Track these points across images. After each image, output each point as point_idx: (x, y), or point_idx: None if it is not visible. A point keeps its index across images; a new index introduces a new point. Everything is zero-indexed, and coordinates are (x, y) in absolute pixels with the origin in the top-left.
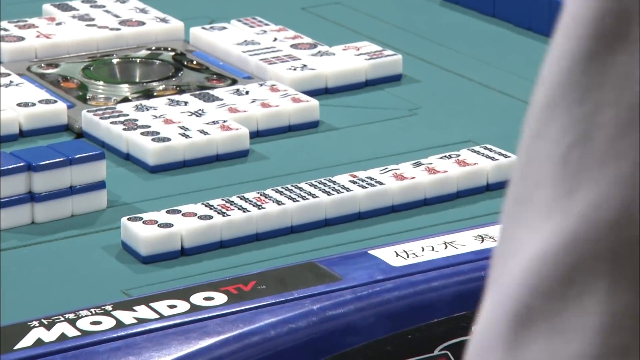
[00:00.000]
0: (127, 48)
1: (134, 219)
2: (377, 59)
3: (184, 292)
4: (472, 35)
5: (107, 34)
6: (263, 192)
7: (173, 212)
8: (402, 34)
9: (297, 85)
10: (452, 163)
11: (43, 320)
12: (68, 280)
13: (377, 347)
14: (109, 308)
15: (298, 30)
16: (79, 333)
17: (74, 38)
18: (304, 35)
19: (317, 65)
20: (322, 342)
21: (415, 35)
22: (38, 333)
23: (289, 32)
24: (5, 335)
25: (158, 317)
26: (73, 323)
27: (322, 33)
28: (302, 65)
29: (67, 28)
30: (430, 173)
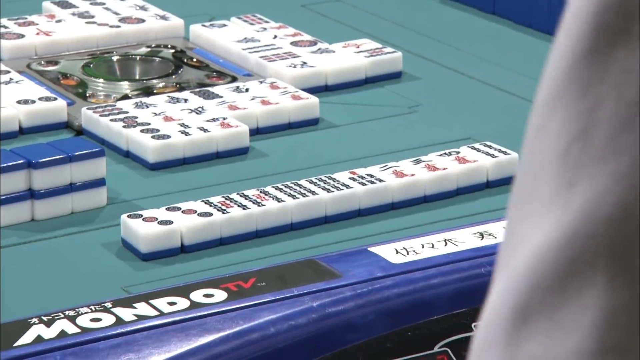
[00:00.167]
0: (127, 45)
1: (134, 216)
2: (377, 57)
3: (184, 289)
4: (472, 33)
5: (107, 32)
6: (263, 189)
7: (173, 209)
8: (402, 32)
9: (297, 83)
10: (452, 160)
11: (43, 317)
12: (68, 278)
13: (377, 344)
14: (109, 305)
15: (298, 28)
16: (79, 330)
17: (74, 35)
18: (304, 33)
19: (317, 63)
20: (321, 339)
21: (415, 33)
22: (38, 330)
23: (289, 29)
24: (5, 332)
25: (158, 314)
26: (73, 320)
27: (322, 30)
28: (302, 63)
29: (67, 25)
30: (430, 170)
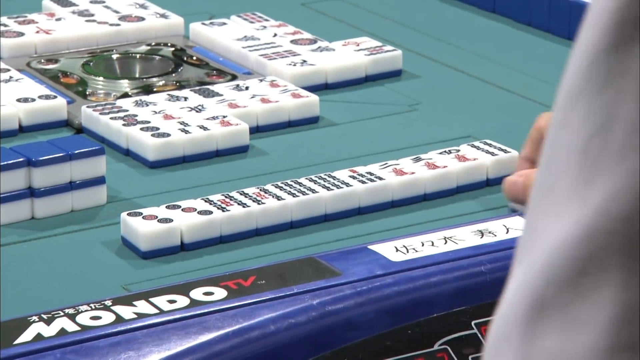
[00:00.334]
0: (126, 44)
1: (134, 214)
2: (377, 55)
3: (184, 287)
4: (472, 31)
5: (106, 30)
6: (263, 187)
7: (173, 207)
8: (402, 30)
9: (297, 81)
10: (451, 158)
11: (43, 315)
12: (68, 276)
13: (376, 342)
14: (109, 303)
15: (298, 26)
16: (79, 328)
17: (74, 34)
18: (304, 31)
19: (317, 61)
20: (321, 337)
21: (415, 31)
22: (38, 328)
23: (289, 27)
24: (5, 330)
25: (158, 312)
26: (73, 318)
27: (322, 29)
28: (302, 61)
29: (66, 24)
30: (430, 168)
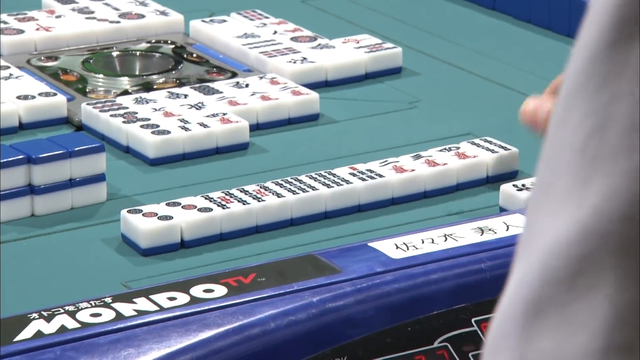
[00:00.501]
0: (126, 41)
1: (134, 212)
2: (377, 52)
3: (184, 284)
4: (472, 28)
5: (106, 27)
6: (263, 184)
7: (173, 204)
8: (402, 27)
9: (297, 78)
10: (452, 155)
11: (43, 312)
12: (68, 273)
13: (376, 339)
14: (109, 300)
15: (298, 23)
16: (79, 325)
17: (74, 31)
18: (304, 28)
19: (317, 58)
20: (321, 334)
21: (415, 28)
22: (38, 325)
23: (289, 25)
24: (5, 327)
25: (158, 309)
26: (73, 315)
27: (322, 26)
28: (302, 58)
29: (66, 21)
30: (430, 165)
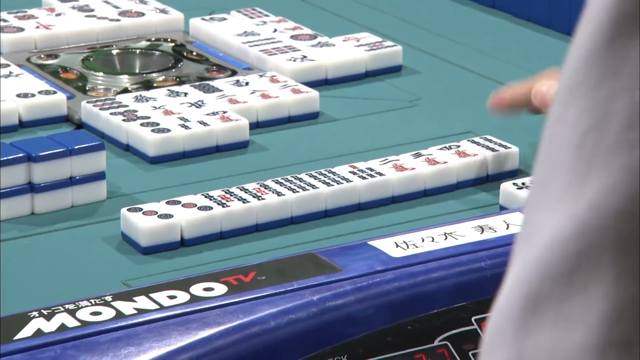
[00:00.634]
0: (126, 39)
1: (134, 210)
2: (377, 50)
3: (184, 282)
4: (472, 27)
5: (106, 25)
6: (263, 183)
7: (173, 202)
8: (402, 25)
9: (297, 76)
10: (452, 154)
11: (43, 311)
12: (68, 271)
13: (377, 338)
14: (109, 299)
15: (298, 21)
16: (79, 323)
17: (74, 29)
18: (304, 26)
19: (317, 56)
20: (322, 332)
21: (416, 27)
22: (38, 323)
23: (289, 23)
24: (5, 326)
25: (158, 307)
26: (73, 313)
27: (322, 24)
28: (302, 56)
29: (66, 19)
30: (430, 164)
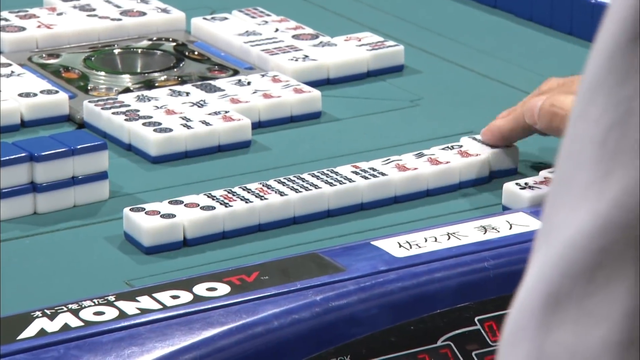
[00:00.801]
0: (128, 38)
1: (137, 210)
2: (378, 50)
3: (187, 282)
4: (473, 26)
5: (108, 24)
6: (265, 182)
7: (175, 202)
8: (403, 25)
9: (298, 76)
10: (454, 154)
11: (46, 311)
12: (70, 271)
13: (380, 338)
14: (112, 298)
15: (299, 21)
16: (82, 323)
17: (75, 28)
18: (306, 26)
19: (318, 56)
20: (325, 333)
21: (417, 26)
22: (41, 323)
23: (291, 22)
24: (9, 326)
25: (161, 307)
26: (76, 313)
27: (323, 24)
28: (303, 56)
29: (68, 18)
30: (433, 164)
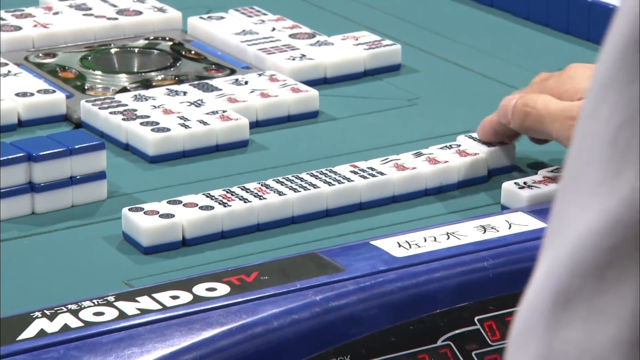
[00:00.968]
0: (124, 38)
1: (135, 210)
2: (376, 49)
3: (187, 282)
4: (470, 25)
5: (104, 24)
6: (264, 182)
7: (174, 202)
8: (401, 24)
9: (296, 75)
10: (452, 153)
11: (45, 311)
12: (68, 271)
13: (379, 338)
14: (112, 299)
15: (296, 20)
16: (82, 324)
17: (72, 27)
18: (303, 25)
19: (315, 55)
20: (324, 333)
21: (414, 25)
22: (41, 324)
23: (287, 21)
24: (8, 326)
25: (161, 308)
26: (76, 314)
27: (320, 23)
28: (300, 55)
29: (64, 17)
30: (431, 163)
